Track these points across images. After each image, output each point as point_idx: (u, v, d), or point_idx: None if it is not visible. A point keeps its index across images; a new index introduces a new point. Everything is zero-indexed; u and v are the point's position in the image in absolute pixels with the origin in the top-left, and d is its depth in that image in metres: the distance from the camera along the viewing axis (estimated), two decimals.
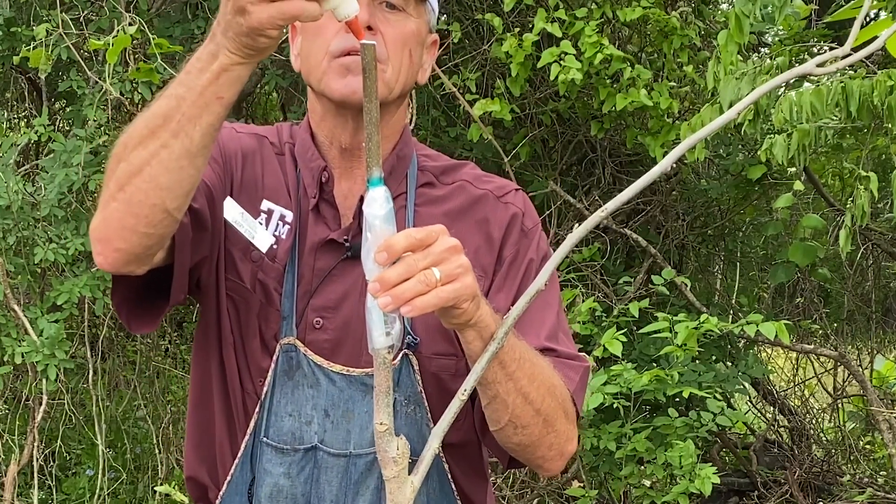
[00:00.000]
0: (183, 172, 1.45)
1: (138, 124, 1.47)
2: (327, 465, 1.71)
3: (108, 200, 1.49)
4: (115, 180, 1.48)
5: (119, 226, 1.49)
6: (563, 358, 1.72)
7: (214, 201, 1.69)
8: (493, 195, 1.81)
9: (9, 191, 4.61)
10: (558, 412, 1.65)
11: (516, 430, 1.63)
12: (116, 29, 4.41)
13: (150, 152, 1.45)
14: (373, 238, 1.30)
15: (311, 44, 1.69)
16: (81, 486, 5.71)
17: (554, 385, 1.65)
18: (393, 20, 1.67)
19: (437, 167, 1.83)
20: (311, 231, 1.74)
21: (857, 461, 6.42)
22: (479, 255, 1.74)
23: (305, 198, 1.75)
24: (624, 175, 5.69)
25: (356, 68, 1.60)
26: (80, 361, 5.35)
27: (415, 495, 1.28)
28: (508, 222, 1.78)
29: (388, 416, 1.30)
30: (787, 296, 6.67)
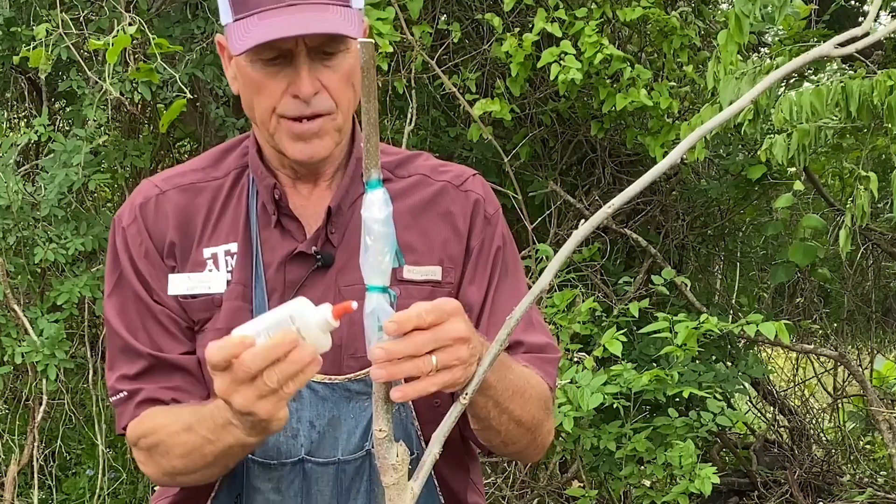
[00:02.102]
0: (227, 472, 1.66)
1: (181, 446, 1.63)
2: (317, 475, 1.72)
3: (163, 475, 1.71)
4: (170, 475, 1.70)
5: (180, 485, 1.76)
6: (536, 352, 1.75)
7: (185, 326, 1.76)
8: (453, 185, 1.81)
9: (9, 191, 4.60)
10: (543, 418, 1.70)
11: (507, 446, 1.68)
12: (116, 29, 4.41)
13: (194, 478, 1.67)
14: (372, 242, 1.29)
15: (253, 96, 1.68)
16: (81, 486, 5.71)
17: (538, 395, 1.68)
18: (333, 66, 1.65)
19: (391, 161, 1.82)
20: (277, 245, 1.75)
21: (857, 461, 6.42)
22: (447, 248, 1.76)
23: (265, 214, 1.76)
24: (624, 175, 5.69)
25: (307, 135, 1.66)
26: (80, 361, 5.35)
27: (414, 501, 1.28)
28: (472, 211, 1.79)
29: (387, 423, 1.30)
30: (787, 296, 6.66)
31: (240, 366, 1.37)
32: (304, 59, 1.62)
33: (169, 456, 1.65)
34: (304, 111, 1.65)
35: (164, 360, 1.75)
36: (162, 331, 1.75)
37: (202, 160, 1.84)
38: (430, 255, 1.76)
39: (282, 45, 1.61)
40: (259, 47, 1.60)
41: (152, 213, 1.77)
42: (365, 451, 1.71)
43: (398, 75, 4.91)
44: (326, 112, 1.66)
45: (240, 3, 1.63)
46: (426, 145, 5.39)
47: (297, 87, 1.63)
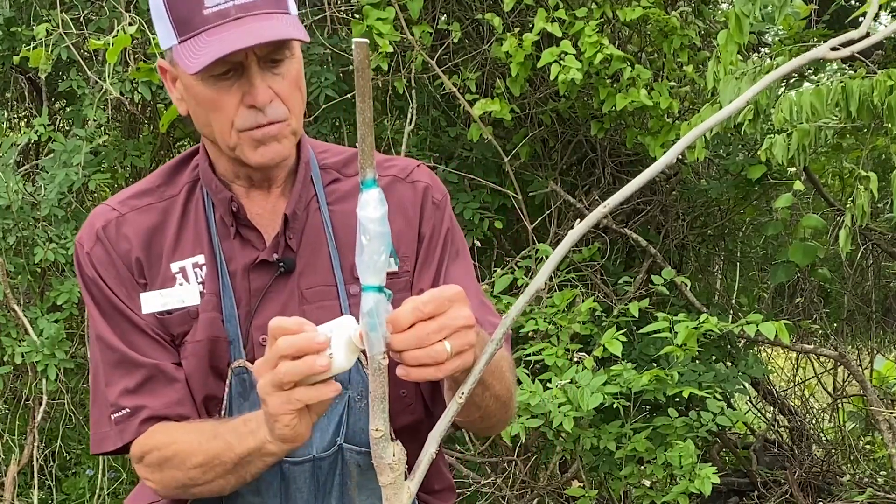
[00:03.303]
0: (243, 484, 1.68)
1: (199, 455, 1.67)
2: (294, 474, 1.75)
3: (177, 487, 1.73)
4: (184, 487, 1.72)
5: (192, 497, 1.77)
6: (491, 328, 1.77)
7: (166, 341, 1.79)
8: (399, 178, 1.85)
9: (9, 191, 4.61)
10: (514, 390, 1.75)
11: (483, 420, 1.71)
12: (116, 29, 4.41)
13: (209, 488, 1.70)
14: (368, 242, 1.29)
15: (208, 114, 1.71)
16: (81, 486, 5.71)
17: (510, 368, 1.73)
18: (281, 72, 1.69)
19: (337, 161, 1.87)
20: (238, 255, 1.78)
21: (857, 461, 6.41)
22: (401, 239, 1.79)
23: (224, 226, 1.79)
24: (624, 175, 5.69)
25: (267, 139, 1.70)
26: (80, 361, 5.35)
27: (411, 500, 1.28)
28: (421, 199, 1.83)
29: (383, 423, 1.30)
30: (787, 296, 6.66)
31: (275, 345, 1.40)
32: (256, 70, 1.66)
33: (184, 466, 1.69)
34: (261, 120, 1.69)
35: (162, 369, 1.77)
36: (152, 342, 1.77)
37: (153, 179, 1.87)
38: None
39: (233, 58, 1.64)
40: (211, 64, 1.62)
41: (114, 235, 1.80)
42: (337, 447, 1.75)
43: (398, 75, 4.91)
44: (281, 119, 1.70)
45: (183, 24, 1.66)
46: (426, 145, 5.39)
47: (253, 97, 1.67)
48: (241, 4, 1.64)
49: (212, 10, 1.63)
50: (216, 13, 1.63)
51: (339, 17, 5.08)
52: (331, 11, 4.99)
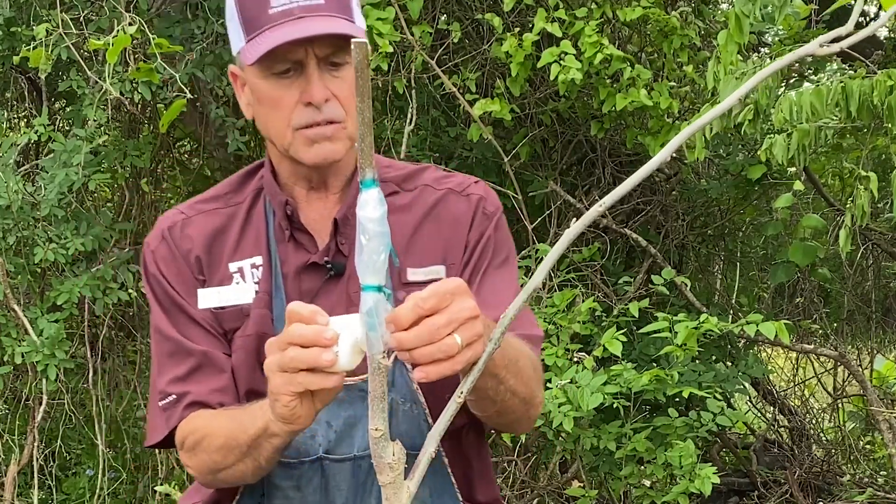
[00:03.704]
0: (262, 472, 1.72)
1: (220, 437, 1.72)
2: (334, 472, 1.79)
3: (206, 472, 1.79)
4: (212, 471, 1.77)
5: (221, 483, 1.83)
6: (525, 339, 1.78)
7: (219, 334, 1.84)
8: (455, 191, 1.89)
9: (9, 191, 4.61)
10: (537, 389, 1.75)
11: (500, 415, 1.72)
12: (116, 29, 4.41)
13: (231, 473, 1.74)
14: (367, 241, 1.29)
15: (269, 113, 1.78)
16: (81, 486, 5.71)
17: (532, 365, 1.72)
18: (341, 76, 1.74)
19: (398, 176, 1.91)
20: (292, 258, 1.84)
21: (857, 461, 6.41)
22: (449, 247, 1.83)
23: (280, 230, 1.86)
24: (624, 175, 5.68)
25: (320, 138, 1.75)
26: (80, 361, 5.35)
27: (411, 500, 1.28)
28: (473, 209, 1.86)
29: (382, 422, 1.30)
30: (787, 296, 6.66)
31: (288, 330, 1.43)
32: (315, 67, 1.72)
33: (210, 450, 1.74)
34: (317, 118, 1.73)
35: (212, 357, 1.83)
36: (205, 333, 1.84)
37: (223, 186, 1.95)
38: (434, 255, 1.83)
39: (292, 56, 1.70)
40: (271, 60, 1.70)
41: (178, 235, 1.89)
42: None
43: (398, 75, 4.91)
44: (337, 119, 1.74)
45: (250, 24, 1.73)
46: (426, 145, 5.39)
47: (310, 94, 1.72)
48: (306, 6, 1.70)
49: (277, 10, 1.70)
50: (281, 12, 1.70)
51: None
52: None
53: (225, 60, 5.10)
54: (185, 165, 6.87)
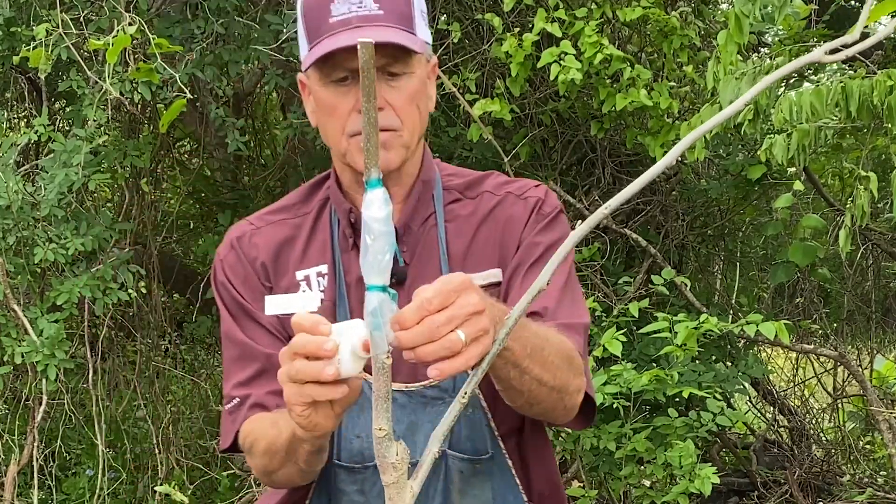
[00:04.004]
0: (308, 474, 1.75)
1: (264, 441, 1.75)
2: None
3: (261, 474, 1.81)
4: (265, 473, 1.80)
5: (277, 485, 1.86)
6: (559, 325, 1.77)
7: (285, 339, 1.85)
8: (513, 195, 1.91)
9: (9, 191, 4.60)
10: (568, 377, 1.71)
11: (531, 406, 1.70)
12: (116, 29, 4.41)
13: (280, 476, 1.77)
14: (372, 241, 1.29)
15: (326, 120, 1.81)
16: (81, 486, 5.71)
17: (560, 353, 1.69)
18: (397, 86, 1.76)
19: (461, 184, 1.94)
20: (355, 266, 1.85)
21: (857, 461, 6.42)
22: (504, 249, 1.85)
23: (345, 238, 1.89)
24: (624, 175, 5.69)
25: None
26: (80, 361, 5.35)
27: (414, 500, 1.28)
28: (529, 211, 1.88)
29: (386, 422, 1.29)
30: (787, 296, 6.66)
31: (293, 341, 1.43)
32: None
33: (258, 454, 1.77)
34: None
35: (275, 361, 1.84)
36: (271, 338, 1.87)
37: (291, 197, 1.99)
38: (490, 259, 1.86)
39: (349, 64, 1.73)
40: (329, 68, 1.74)
41: (246, 244, 1.93)
42: (441, 452, 1.80)
43: None
44: (391, 128, 1.76)
45: (312, 33, 1.76)
46: None
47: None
48: (364, 15, 1.73)
49: (336, 19, 1.73)
50: (339, 21, 1.73)
51: None
52: None
53: (225, 60, 5.10)
54: (184, 165, 6.88)
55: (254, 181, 6.54)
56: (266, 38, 5.08)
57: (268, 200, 6.47)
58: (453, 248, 1.86)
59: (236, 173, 6.48)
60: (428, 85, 1.84)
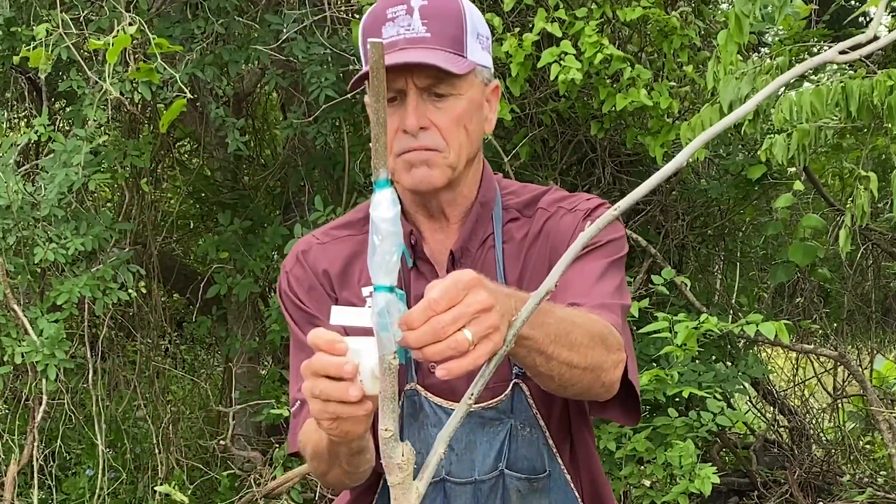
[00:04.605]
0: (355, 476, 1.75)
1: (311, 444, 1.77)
2: (455, 493, 1.86)
3: (316, 476, 1.86)
4: (318, 475, 1.83)
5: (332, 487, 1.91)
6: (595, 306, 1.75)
7: None
8: (564, 209, 1.91)
9: (9, 191, 4.60)
10: (601, 355, 1.69)
11: (565, 388, 1.69)
12: (116, 29, 4.41)
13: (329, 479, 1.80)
14: (380, 242, 1.29)
15: None
16: (81, 486, 5.71)
17: (590, 333, 1.67)
18: (443, 107, 1.79)
19: (520, 202, 1.94)
20: (414, 287, 1.89)
21: (857, 461, 6.42)
22: (553, 259, 1.84)
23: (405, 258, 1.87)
24: (624, 175, 5.69)
25: (417, 162, 1.80)
26: (80, 361, 5.35)
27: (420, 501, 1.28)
28: (578, 222, 1.88)
29: (392, 423, 1.29)
30: (787, 296, 6.67)
31: (313, 360, 1.44)
32: (413, 97, 1.77)
33: (309, 457, 1.81)
34: (412, 144, 1.79)
35: None
36: None
37: (356, 212, 2.01)
38: (543, 274, 1.80)
39: (395, 85, 1.76)
40: (361, 80, 1.77)
41: (312, 258, 1.96)
42: (498, 471, 1.85)
43: None
44: (435, 148, 1.79)
45: (365, 53, 1.80)
46: None
47: (404, 121, 1.77)
48: (412, 38, 1.77)
49: (386, 41, 1.77)
50: (388, 43, 1.77)
51: (339, 17, 5.08)
52: (331, 11, 4.99)
53: (225, 60, 5.10)
54: (185, 165, 6.88)
55: (254, 181, 6.54)
56: (266, 38, 5.08)
57: (268, 200, 6.49)
58: (509, 269, 1.88)
59: (236, 173, 6.47)
60: (485, 107, 1.86)
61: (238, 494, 5.45)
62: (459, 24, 1.79)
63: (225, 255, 5.90)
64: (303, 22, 5.01)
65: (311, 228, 5.16)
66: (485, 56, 1.84)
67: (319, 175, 5.95)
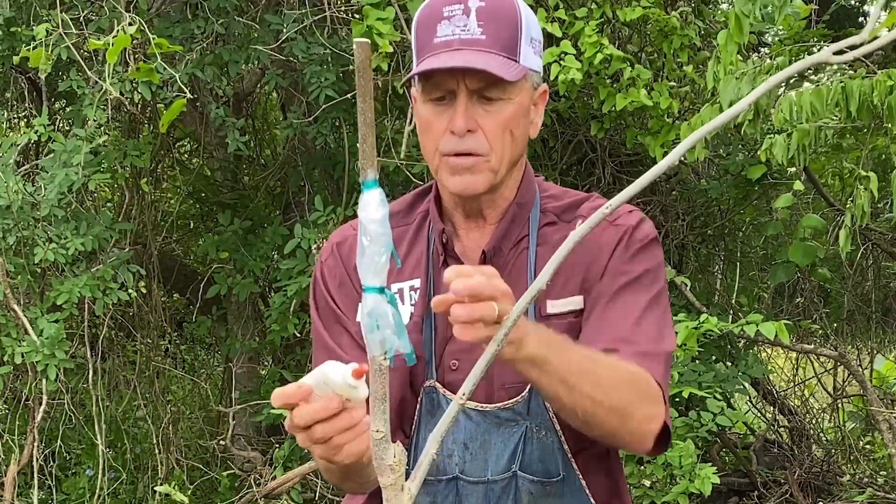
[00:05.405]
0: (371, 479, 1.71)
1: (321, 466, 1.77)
2: (467, 492, 1.87)
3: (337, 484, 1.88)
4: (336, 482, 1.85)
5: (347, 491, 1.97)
6: (632, 356, 1.76)
7: None
8: (606, 221, 1.85)
9: (9, 191, 4.61)
10: (635, 401, 1.71)
11: (591, 427, 1.72)
12: (116, 29, 4.41)
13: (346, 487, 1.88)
14: (369, 243, 1.29)
15: (423, 136, 1.85)
16: (81, 486, 5.71)
17: (621, 378, 1.70)
18: (492, 111, 1.78)
19: (558, 207, 1.95)
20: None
21: (857, 461, 6.42)
22: (588, 274, 1.84)
23: (437, 256, 1.92)
24: (624, 175, 5.69)
25: (460, 169, 1.81)
26: (80, 361, 5.35)
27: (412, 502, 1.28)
28: (619, 238, 1.86)
29: (384, 424, 1.29)
30: (787, 296, 6.66)
31: (292, 418, 1.48)
32: (463, 98, 1.77)
33: (322, 470, 1.82)
34: (459, 147, 1.78)
35: None
36: (354, 346, 1.90)
37: (396, 205, 1.99)
38: (573, 286, 1.85)
39: (446, 85, 1.77)
40: (430, 86, 1.79)
41: (346, 251, 1.95)
42: (511, 473, 1.85)
43: (398, 75, 4.91)
44: (479, 152, 1.79)
45: (419, 50, 1.81)
46: None
47: (453, 122, 1.77)
48: (467, 39, 1.76)
49: (440, 40, 1.77)
50: (442, 42, 1.77)
51: (339, 17, 5.08)
52: (331, 11, 4.99)
53: (225, 60, 5.10)
54: (185, 165, 6.88)
55: (254, 181, 6.54)
56: (266, 38, 5.08)
57: (268, 200, 6.49)
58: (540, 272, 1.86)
59: (236, 173, 6.48)
60: (532, 111, 1.85)
61: (238, 494, 5.46)
62: (515, 29, 1.78)
63: (225, 255, 5.90)
64: (303, 22, 5.01)
65: (311, 228, 5.17)
66: (536, 60, 1.83)
67: (319, 175, 5.95)
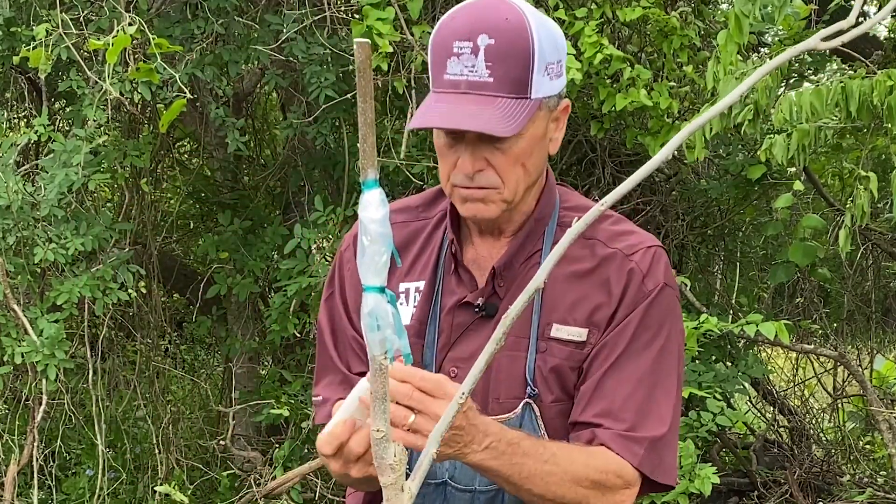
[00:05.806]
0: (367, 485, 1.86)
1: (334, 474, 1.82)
2: (454, 498, 1.88)
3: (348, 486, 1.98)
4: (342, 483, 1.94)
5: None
6: (611, 438, 1.78)
7: None
8: (623, 254, 1.87)
9: (9, 191, 4.61)
10: (590, 497, 1.77)
11: None
12: (116, 29, 4.41)
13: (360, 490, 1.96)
14: (369, 243, 1.29)
15: (439, 159, 1.85)
16: (81, 486, 5.71)
17: (581, 475, 1.75)
18: (503, 149, 1.76)
19: None
20: (453, 291, 1.91)
21: (857, 461, 6.42)
22: (598, 312, 1.83)
23: (449, 261, 1.92)
24: (624, 175, 5.68)
25: (471, 199, 1.81)
26: (80, 361, 5.35)
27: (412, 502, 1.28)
28: (629, 284, 1.84)
29: (384, 423, 1.29)
30: (787, 296, 6.66)
31: (349, 451, 1.57)
32: (469, 143, 1.76)
33: (334, 476, 1.88)
34: (468, 184, 1.79)
35: (348, 377, 1.94)
36: (352, 352, 1.95)
37: (418, 199, 2.02)
38: (581, 317, 1.84)
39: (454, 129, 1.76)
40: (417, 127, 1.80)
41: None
42: (496, 488, 1.86)
43: (398, 75, 4.91)
44: (491, 186, 1.79)
45: (433, 78, 1.78)
46: (426, 145, 5.39)
47: (461, 164, 1.78)
48: (474, 81, 1.73)
49: (449, 78, 1.75)
50: (450, 82, 1.74)
51: (339, 17, 5.08)
52: (331, 11, 4.99)
53: (225, 60, 5.10)
54: (184, 165, 6.88)
55: (254, 181, 6.53)
56: (266, 38, 5.08)
57: (268, 200, 6.49)
58: (549, 292, 1.85)
59: (236, 173, 6.47)
60: (550, 128, 1.82)
61: (238, 494, 5.45)
62: (526, 63, 1.73)
63: (225, 255, 5.90)
64: (303, 22, 5.01)
65: (311, 228, 5.17)
66: (554, 85, 1.79)
67: (319, 175, 5.95)
